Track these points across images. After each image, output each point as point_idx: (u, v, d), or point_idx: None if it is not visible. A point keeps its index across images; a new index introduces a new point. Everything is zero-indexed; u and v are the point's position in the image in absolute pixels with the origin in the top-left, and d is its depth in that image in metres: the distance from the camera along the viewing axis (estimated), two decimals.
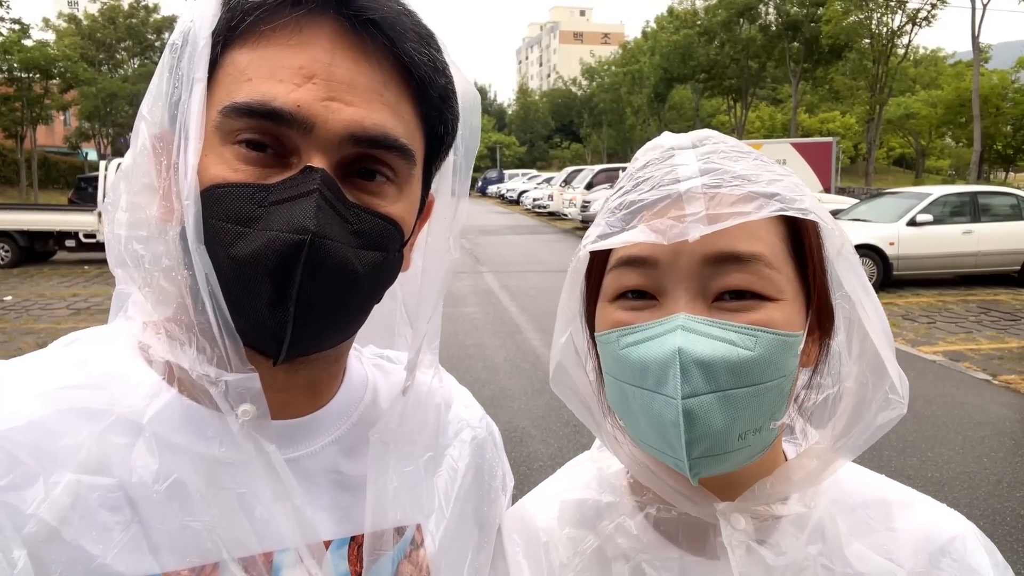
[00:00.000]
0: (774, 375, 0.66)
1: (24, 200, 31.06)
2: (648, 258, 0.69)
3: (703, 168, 0.69)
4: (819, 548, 0.73)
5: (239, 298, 0.62)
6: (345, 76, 0.64)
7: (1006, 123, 43.34)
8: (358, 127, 0.64)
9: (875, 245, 11.76)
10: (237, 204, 0.62)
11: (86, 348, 0.70)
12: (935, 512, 0.78)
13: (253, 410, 0.64)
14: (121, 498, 0.62)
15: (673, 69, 47.29)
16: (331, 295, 0.64)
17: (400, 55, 0.67)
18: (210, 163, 0.63)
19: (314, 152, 0.63)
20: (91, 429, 0.63)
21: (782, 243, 0.70)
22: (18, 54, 31.17)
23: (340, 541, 0.72)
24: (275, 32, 0.64)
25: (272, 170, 0.63)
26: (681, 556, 0.76)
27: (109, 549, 0.60)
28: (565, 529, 0.82)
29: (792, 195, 0.68)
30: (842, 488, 0.78)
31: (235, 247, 0.61)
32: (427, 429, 0.83)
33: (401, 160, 0.68)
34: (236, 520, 0.65)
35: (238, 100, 0.63)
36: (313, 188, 0.61)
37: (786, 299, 0.68)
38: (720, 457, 0.67)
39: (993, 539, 3.05)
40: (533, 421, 5.68)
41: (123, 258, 0.68)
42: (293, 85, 0.63)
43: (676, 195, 0.68)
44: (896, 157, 67.65)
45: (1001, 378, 7.10)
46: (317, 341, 0.67)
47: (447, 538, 0.79)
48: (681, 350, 0.63)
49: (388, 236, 0.69)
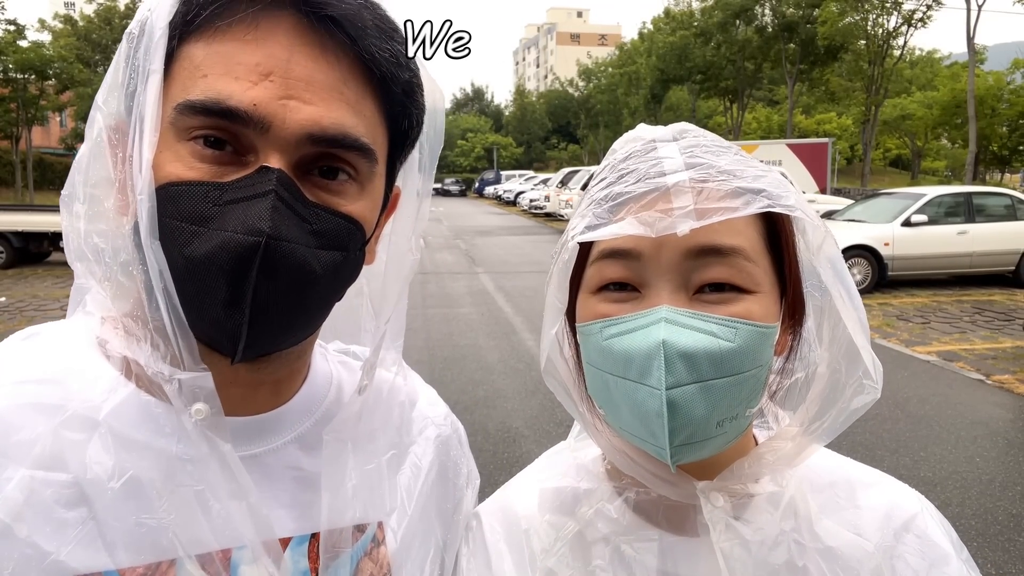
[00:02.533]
0: (752, 365, 0.68)
1: (19, 201, 30.97)
2: (631, 250, 0.70)
3: (688, 162, 0.70)
4: (792, 524, 0.76)
5: (194, 297, 0.61)
6: (303, 73, 0.63)
7: (1002, 124, 43.44)
8: (316, 126, 0.63)
9: (870, 246, 11.78)
10: (192, 203, 0.61)
11: (43, 343, 0.69)
12: (895, 491, 0.82)
13: (206, 409, 0.64)
14: (76, 494, 0.61)
15: (669, 70, 47.34)
16: (288, 296, 0.63)
17: (361, 52, 0.65)
18: (165, 160, 0.62)
19: (271, 151, 0.62)
20: (46, 424, 0.62)
21: (760, 237, 0.72)
22: (13, 55, 31.08)
23: (300, 538, 0.71)
24: (231, 27, 0.62)
25: (228, 168, 0.62)
26: (660, 536, 0.78)
27: (63, 545, 0.59)
28: (545, 516, 0.84)
29: (778, 191, 0.70)
30: (810, 468, 0.81)
31: (190, 246, 0.60)
32: (390, 427, 0.83)
33: (362, 159, 0.67)
34: (193, 517, 0.64)
35: (192, 97, 0.61)
36: (269, 189, 0.60)
37: (763, 291, 0.70)
38: (699, 444, 0.69)
39: (985, 538, 3.05)
40: (527, 421, 5.67)
41: (82, 251, 0.67)
42: (249, 83, 0.61)
43: (664, 188, 0.69)
44: (892, 158, 67.83)
45: (995, 378, 7.12)
46: (275, 341, 0.67)
47: (409, 535, 0.79)
48: (665, 342, 0.65)
49: (348, 235, 0.68)
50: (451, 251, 18.16)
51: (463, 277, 13.60)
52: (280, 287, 0.61)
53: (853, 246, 11.69)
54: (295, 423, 0.75)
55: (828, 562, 0.74)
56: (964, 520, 4.22)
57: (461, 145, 75.82)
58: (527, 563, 0.82)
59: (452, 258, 16.70)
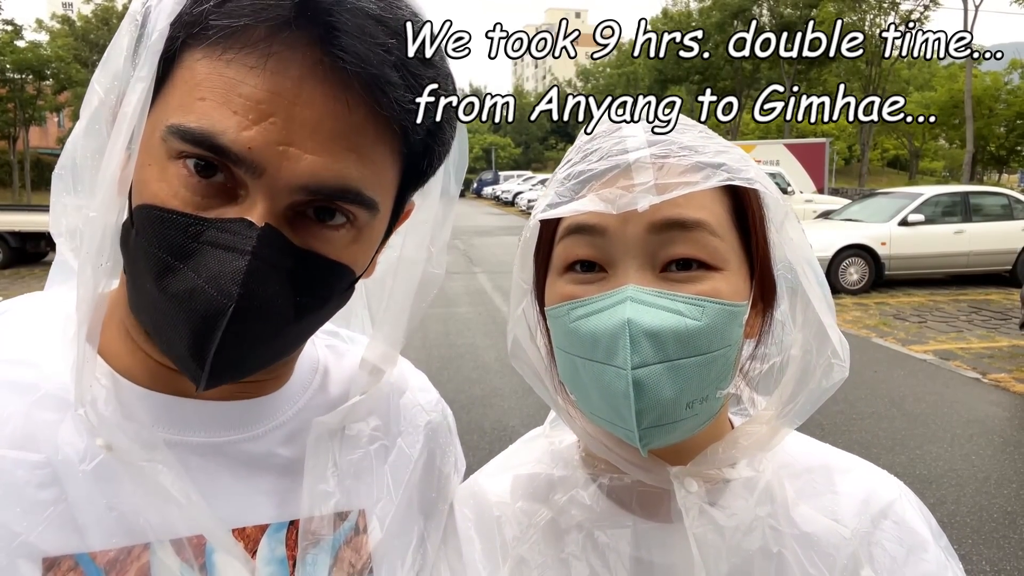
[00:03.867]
0: (720, 344, 0.67)
1: (16, 201, 30.91)
2: (596, 226, 0.69)
3: (651, 140, 0.70)
4: (767, 510, 0.75)
5: (160, 325, 0.60)
6: (310, 118, 0.57)
7: (999, 124, 43.51)
8: (313, 179, 0.58)
9: (867, 245, 11.78)
10: (170, 233, 0.57)
11: (17, 321, 0.68)
12: (873, 477, 0.81)
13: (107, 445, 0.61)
14: (48, 475, 0.60)
15: (667, 71, 47.38)
16: (255, 343, 0.60)
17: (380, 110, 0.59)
18: (151, 176, 0.59)
19: (260, 196, 0.57)
20: (18, 404, 0.61)
21: (726, 213, 0.71)
22: (11, 55, 31.04)
23: (278, 525, 0.70)
24: (242, 47, 0.57)
25: (215, 200, 0.58)
26: (635, 522, 0.77)
27: (34, 527, 0.59)
28: (518, 503, 0.83)
29: (738, 166, 0.69)
30: (788, 453, 0.80)
31: (162, 280, 0.57)
32: (378, 414, 0.82)
33: (363, 211, 0.63)
34: (166, 501, 0.63)
35: (186, 124, 0.56)
36: (248, 248, 0.56)
37: (730, 269, 0.69)
38: (669, 427, 0.68)
39: (980, 535, 3.04)
40: (523, 420, 5.66)
41: (72, 227, 0.66)
42: (248, 121, 0.56)
43: (625, 165, 0.68)
44: (890, 158, 67.84)
45: (991, 376, 7.12)
46: (243, 374, 0.64)
47: (393, 525, 0.78)
48: (630, 321, 0.64)
49: (336, 280, 0.65)
50: (449, 251, 17.98)
51: (461, 277, 13.58)
52: (249, 336, 0.59)
53: (850, 245, 11.70)
54: (278, 411, 0.75)
55: (804, 548, 0.73)
56: (959, 517, 4.22)
57: None
58: (498, 551, 0.81)
59: (450, 258, 16.53)
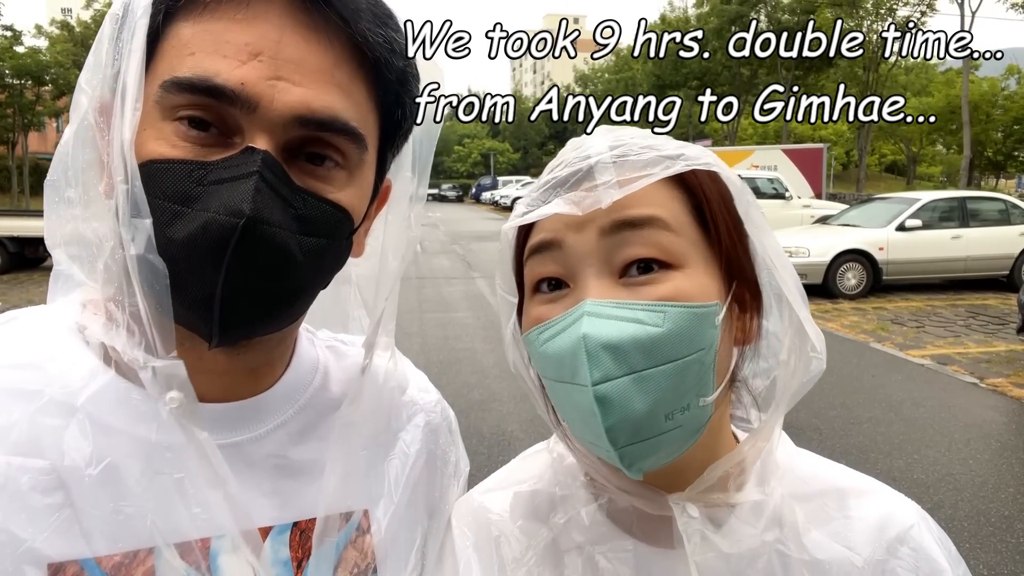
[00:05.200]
0: (690, 349, 0.64)
1: (15, 206, 30.87)
2: (552, 241, 0.69)
3: (612, 144, 0.70)
4: (776, 535, 0.72)
5: (175, 279, 0.60)
6: (294, 55, 0.62)
7: (996, 130, 43.61)
8: (305, 108, 0.62)
9: (865, 250, 11.79)
10: (174, 181, 0.60)
11: (22, 328, 0.69)
12: (890, 501, 0.77)
13: (180, 397, 0.63)
14: (53, 481, 0.60)
15: (665, 76, 47.46)
16: (266, 280, 0.62)
17: (354, 35, 0.64)
18: (148, 137, 0.61)
19: (258, 133, 0.61)
20: (23, 410, 0.61)
21: (683, 208, 0.69)
22: (10, 60, 31.05)
23: (281, 527, 0.70)
24: (221, 5, 0.61)
25: (213, 149, 0.61)
26: (635, 547, 0.75)
27: (39, 532, 0.59)
28: (518, 522, 0.80)
29: (696, 155, 0.70)
30: (799, 476, 0.77)
31: (171, 227, 0.59)
32: (380, 413, 0.82)
33: (351, 144, 0.66)
34: (171, 505, 0.64)
35: (179, 74, 0.60)
36: (253, 170, 0.59)
37: (692, 266, 0.67)
38: (651, 443, 0.65)
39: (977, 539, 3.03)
40: (521, 425, 5.66)
41: (67, 236, 0.67)
42: (238, 62, 0.60)
43: (587, 168, 0.69)
44: (888, 164, 67.95)
45: (988, 381, 7.12)
46: (254, 326, 0.66)
47: (395, 524, 0.78)
48: (586, 336, 0.63)
49: (335, 223, 0.67)
50: (448, 256, 18.12)
51: (459, 282, 13.58)
52: (258, 271, 0.60)
53: (848, 250, 11.71)
54: (279, 411, 0.75)
55: (814, 575, 0.71)
56: (957, 522, 4.22)
57: (458, 151, 75.81)
58: (496, 572, 0.78)
59: (449, 263, 16.67)
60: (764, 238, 0.71)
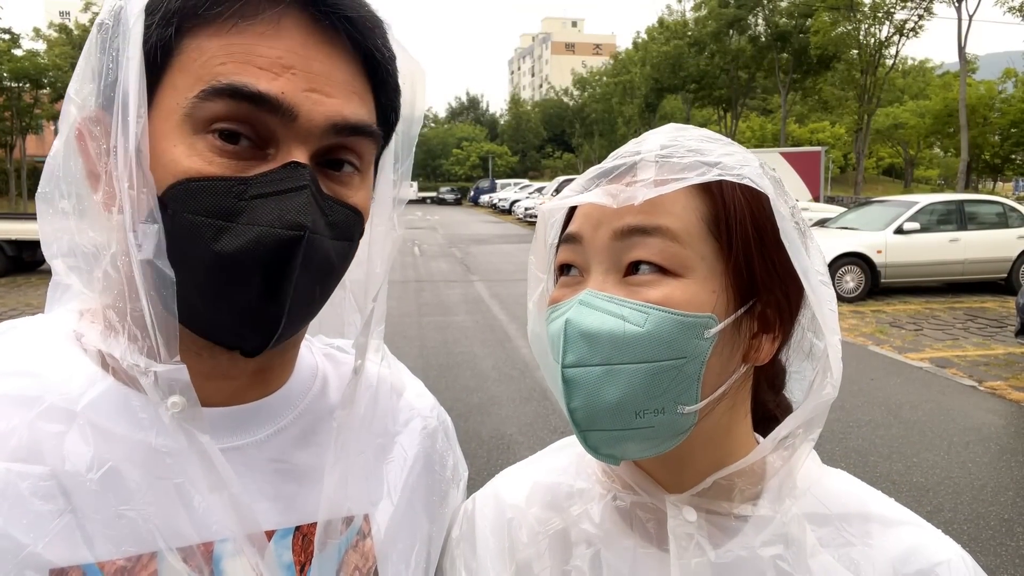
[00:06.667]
0: (669, 355, 0.65)
1: (13, 210, 30.87)
2: (576, 235, 0.72)
3: (664, 143, 0.71)
4: (777, 551, 0.70)
5: (221, 291, 0.61)
6: (322, 68, 0.65)
7: (993, 133, 43.71)
8: (340, 117, 0.65)
9: (863, 253, 11.81)
10: (216, 198, 0.60)
11: (20, 336, 0.69)
12: (925, 536, 0.73)
13: (182, 401, 0.63)
14: (53, 486, 0.60)
15: (664, 79, 47.55)
16: (313, 287, 0.66)
17: (369, 51, 0.68)
18: (181, 154, 0.61)
19: (294, 143, 0.63)
20: (22, 416, 0.61)
21: (699, 218, 0.68)
22: (8, 63, 31.09)
23: (284, 531, 0.71)
24: (248, 22, 0.63)
25: (249, 163, 0.62)
26: (635, 546, 0.75)
27: (40, 538, 0.59)
28: (532, 509, 0.83)
29: (735, 164, 0.68)
30: (821, 497, 0.75)
31: (219, 242, 0.60)
32: (376, 417, 0.82)
33: (372, 146, 0.71)
34: (174, 509, 0.64)
35: (217, 82, 0.61)
36: (304, 184, 0.62)
37: (693, 277, 0.67)
38: (620, 435, 0.67)
39: (977, 542, 3.02)
40: (521, 428, 5.66)
41: (64, 247, 0.67)
42: (273, 74, 0.62)
43: (633, 163, 0.70)
44: (885, 167, 68.15)
45: (987, 384, 7.14)
46: (299, 323, 0.69)
47: (395, 528, 0.78)
48: (568, 321, 0.67)
49: (355, 225, 0.70)
50: (446, 259, 18.15)
51: (458, 285, 13.59)
52: (311, 279, 0.64)
53: (846, 253, 11.73)
54: (279, 415, 0.75)
55: None
56: (956, 525, 4.23)
57: (456, 154, 75.91)
58: (507, 553, 0.81)
59: (447, 266, 16.69)
60: (799, 258, 0.67)
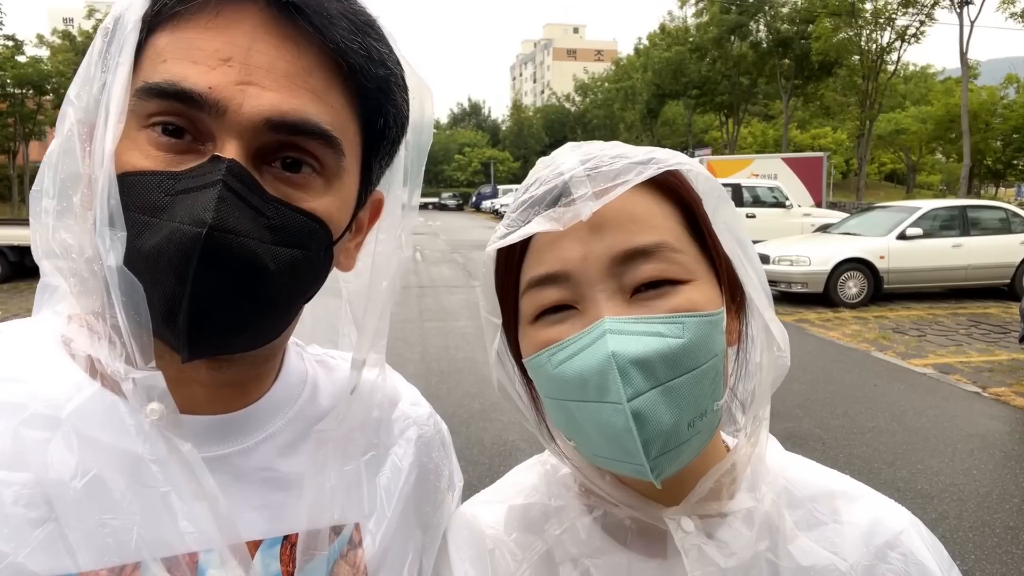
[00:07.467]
0: (707, 356, 0.66)
1: (16, 215, 30.96)
2: (559, 273, 0.68)
3: (582, 158, 0.71)
4: (767, 543, 0.73)
5: (147, 291, 0.59)
6: (263, 61, 0.62)
7: (995, 138, 43.77)
8: (275, 112, 0.61)
9: (865, 259, 11.79)
10: (145, 192, 0.59)
11: (5, 341, 0.68)
12: (880, 506, 0.78)
13: (161, 409, 0.62)
14: (37, 495, 0.59)
15: (665, 85, 47.66)
16: (237, 292, 0.60)
17: (326, 41, 0.64)
18: (124, 148, 0.61)
19: (227, 138, 0.61)
20: (6, 423, 0.60)
21: (680, 227, 0.70)
22: (12, 70, 31.25)
23: (272, 541, 0.69)
24: (194, 15, 0.62)
25: (185, 156, 0.61)
26: (629, 559, 0.75)
27: (22, 547, 0.57)
28: (512, 535, 0.81)
29: (666, 156, 0.71)
30: (789, 481, 0.78)
31: (141, 238, 0.59)
32: (369, 427, 0.81)
33: (327, 150, 0.65)
34: (158, 519, 0.62)
35: (150, 81, 0.61)
36: (217, 179, 0.58)
37: (698, 279, 0.69)
38: (676, 451, 0.66)
39: (982, 550, 3.01)
40: (523, 434, 5.64)
41: (50, 248, 0.66)
42: (207, 67, 0.60)
43: (563, 183, 0.69)
44: (887, 172, 68.20)
45: (991, 390, 7.11)
46: (227, 340, 0.64)
47: (387, 538, 0.77)
48: (615, 353, 0.63)
49: (310, 233, 0.65)
50: (448, 265, 18.16)
51: (460, 291, 13.59)
52: (227, 282, 0.59)
53: (849, 259, 11.71)
54: (267, 423, 0.73)
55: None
56: (961, 532, 4.19)
57: (458, 159, 76.07)
58: None
59: (449, 272, 16.70)
60: (730, 237, 0.71)
